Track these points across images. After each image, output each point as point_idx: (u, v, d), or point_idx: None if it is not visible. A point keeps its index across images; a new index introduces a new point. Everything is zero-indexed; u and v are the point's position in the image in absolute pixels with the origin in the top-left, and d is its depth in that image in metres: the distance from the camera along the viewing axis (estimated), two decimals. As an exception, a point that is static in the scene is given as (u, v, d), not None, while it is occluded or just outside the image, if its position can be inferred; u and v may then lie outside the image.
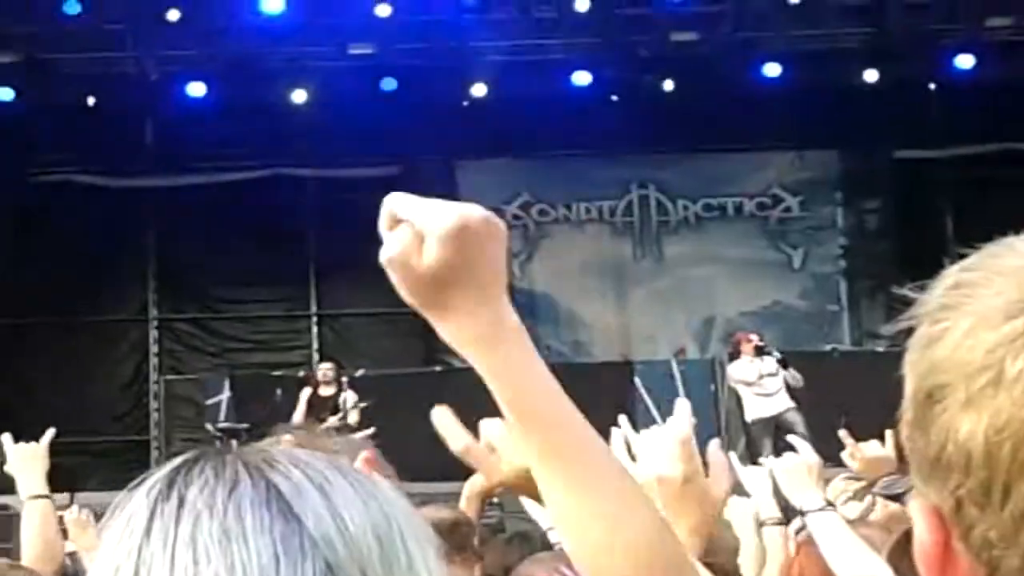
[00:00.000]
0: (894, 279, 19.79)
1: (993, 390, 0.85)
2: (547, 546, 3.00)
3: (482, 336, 1.55)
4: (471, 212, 1.52)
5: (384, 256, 1.53)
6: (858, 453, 4.63)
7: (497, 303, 1.56)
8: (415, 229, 1.52)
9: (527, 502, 2.97)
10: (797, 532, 4.38)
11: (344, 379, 16.17)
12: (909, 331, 0.93)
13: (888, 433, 4.81)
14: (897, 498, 4.28)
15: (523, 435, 1.59)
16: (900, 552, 3.37)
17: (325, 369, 16.44)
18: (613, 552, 1.57)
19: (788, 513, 4.49)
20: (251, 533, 1.08)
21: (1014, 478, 0.84)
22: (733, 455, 6.34)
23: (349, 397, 15.81)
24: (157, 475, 1.15)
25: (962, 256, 0.95)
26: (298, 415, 15.36)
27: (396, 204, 1.54)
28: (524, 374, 1.57)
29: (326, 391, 15.95)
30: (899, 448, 5.26)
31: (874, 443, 4.67)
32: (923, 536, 0.91)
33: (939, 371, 0.89)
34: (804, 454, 4.09)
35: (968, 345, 0.87)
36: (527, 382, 1.57)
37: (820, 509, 3.87)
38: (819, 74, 18.81)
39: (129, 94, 19.41)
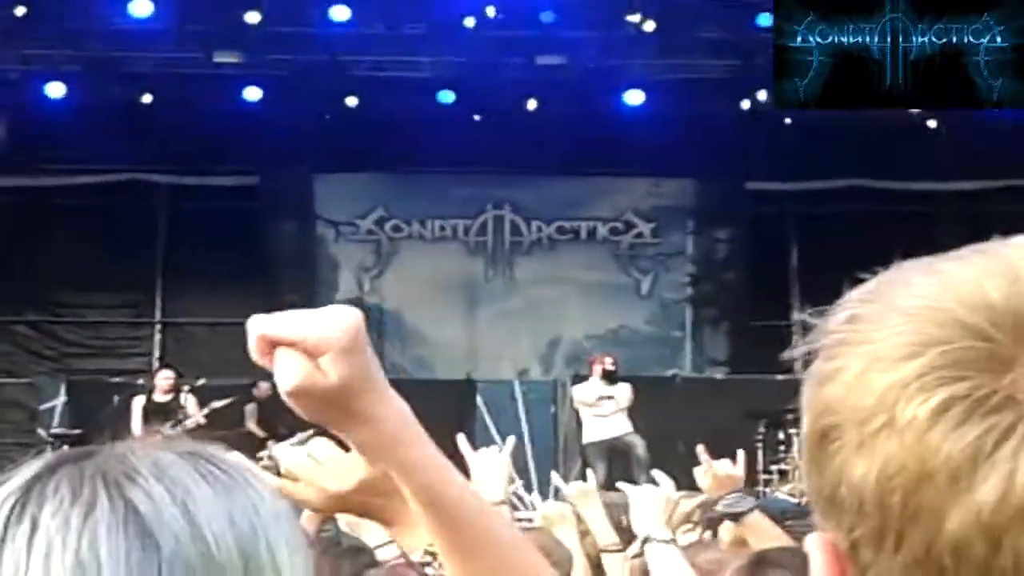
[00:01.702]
0: (739, 308, 20.21)
1: (886, 434, 0.83)
2: (377, 561, 3.05)
3: (396, 434, 1.54)
4: (352, 315, 1.49)
5: (286, 387, 1.46)
6: (711, 471, 4.71)
7: (393, 399, 1.55)
8: (307, 347, 1.46)
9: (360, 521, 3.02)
10: (634, 556, 4.42)
11: (185, 387, 15.83)
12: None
13: (740, 453, 4.91)
14: (738, 517, 4.35)
15: (432, 516, 1.59)
16: None
17: (165, 376, 15.99)
18: None
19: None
20: (105, 564, 1.06)
21: (906, 527, 0.82)
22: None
23: (190, 399, 15.53)
24: (9, 487, 1.11)
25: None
26: (136, 423, 15.06)
27: (266, 327, 1.47)
28: (433, 464, 1.57)
29: (162, 397, 15.59)
30: (749, 467, 5.36)
31: (726, 462, 4.75)
32: (820, 571, 0.90)
33: (832, 412, 0.87)
34: (664, 487, 4.14)
35: (861, 388, 0.85)
36: (437, 472, 1.57)
37: (663, 540, 3.93)
38: (679, 104, 19.03)
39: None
